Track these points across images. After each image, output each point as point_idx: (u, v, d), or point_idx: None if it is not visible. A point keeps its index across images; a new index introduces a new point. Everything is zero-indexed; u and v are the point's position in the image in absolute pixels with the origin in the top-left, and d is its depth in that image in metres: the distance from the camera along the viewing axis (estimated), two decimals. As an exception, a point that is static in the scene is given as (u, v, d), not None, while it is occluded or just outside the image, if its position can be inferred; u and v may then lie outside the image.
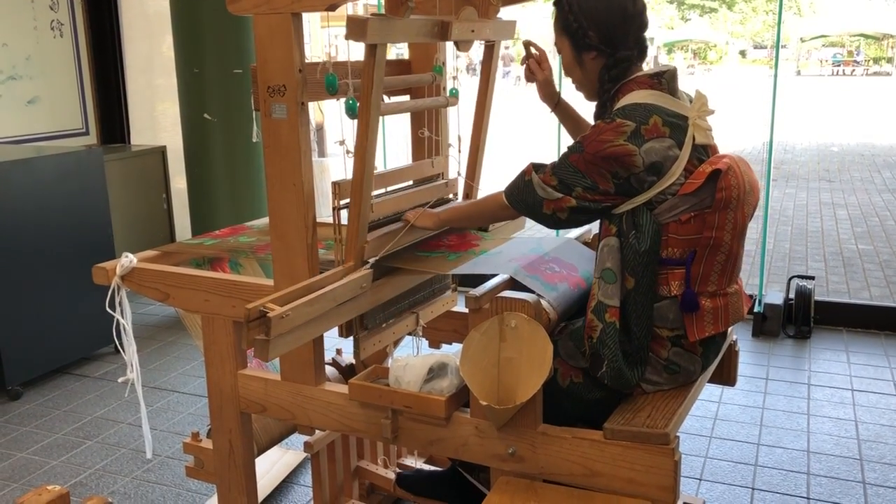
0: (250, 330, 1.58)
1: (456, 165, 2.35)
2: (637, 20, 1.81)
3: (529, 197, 1.79)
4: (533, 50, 2.14)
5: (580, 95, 1.97)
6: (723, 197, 1.70)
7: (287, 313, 1.61)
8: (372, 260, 1.90)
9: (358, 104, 1.82)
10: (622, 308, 1.74)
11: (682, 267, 1.74)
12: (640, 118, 1.70)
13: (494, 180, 2.32)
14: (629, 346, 1.75)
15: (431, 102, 2.21)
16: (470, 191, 2.36)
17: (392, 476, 2.51)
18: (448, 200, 2.31)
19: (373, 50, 1.71)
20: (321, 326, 1.78)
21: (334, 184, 1.89)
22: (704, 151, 1.78)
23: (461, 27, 1.99)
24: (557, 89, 2.19)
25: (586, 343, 1.78)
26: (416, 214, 2.07)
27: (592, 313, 1.76)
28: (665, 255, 1.74)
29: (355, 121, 1.81)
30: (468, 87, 2.82)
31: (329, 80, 1.82)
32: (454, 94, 2.28)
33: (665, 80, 1.78)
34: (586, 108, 2.08)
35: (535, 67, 2.14)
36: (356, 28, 1.67)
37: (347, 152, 1.86)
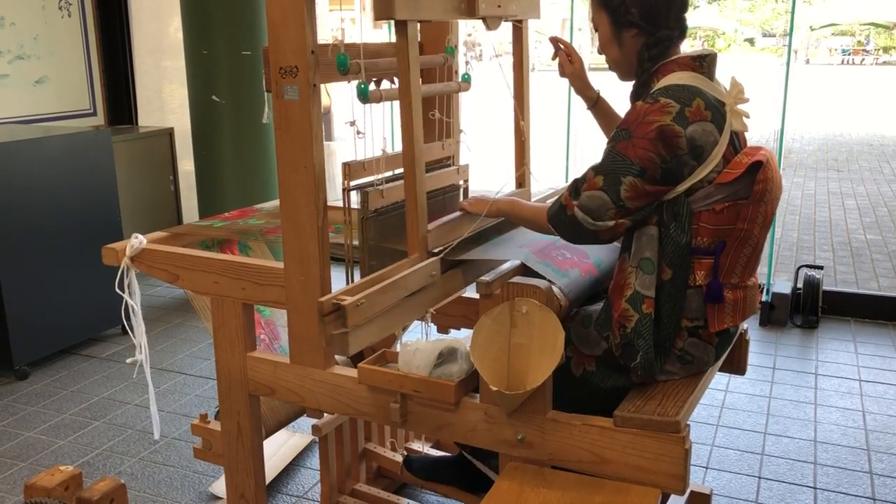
0: (327, 325, 1.56)
1: (467, 152, 2.33)
2: (680, 0, 1.78)
3: (579, 231, 1.74)
4: (561, 46, 2.13)
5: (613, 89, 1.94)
6: (760, 189, 1.68)
7: (361, 301, 1.60)
8: (440, 252, 1.89)
9: (370, 89, 1.81)
10: (656, 299, 1.72)
11: (710, 257, 1.71)
12: (685, 100, 1.67)
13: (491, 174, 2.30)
14: (658, 337, 1.74)
15: (444, 88, 2.19)
16: (522, 178, 2.33)
17: (399, 459, 2.51)
18: (458, 187, 2.30)
19: (403, 28, 1.70)
20: (397, 319, 1.78)
21: (345, 164, 1.87)
22: (737, 139, 1.76)
23: (488, 3, 1.97)
24: (590, 81, 2.15)
25: (616, 332, 1.75)
26: (472, 201, 2.05)
27: (627, 303, 1.72)
28: (694, 244, 1.71)
29: (365, 105, 1.80)
30: (476, 76, 2.80)
31: (340, 59, 1.80)
32: (466, 80, 2.26)
33: (707, 63, 1.75)
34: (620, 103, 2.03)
35: (564, 61, 2.12)
36: (384, 5, 1.66)
37: (358, 133, 1.85)
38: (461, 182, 2.31)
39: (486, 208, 2.02)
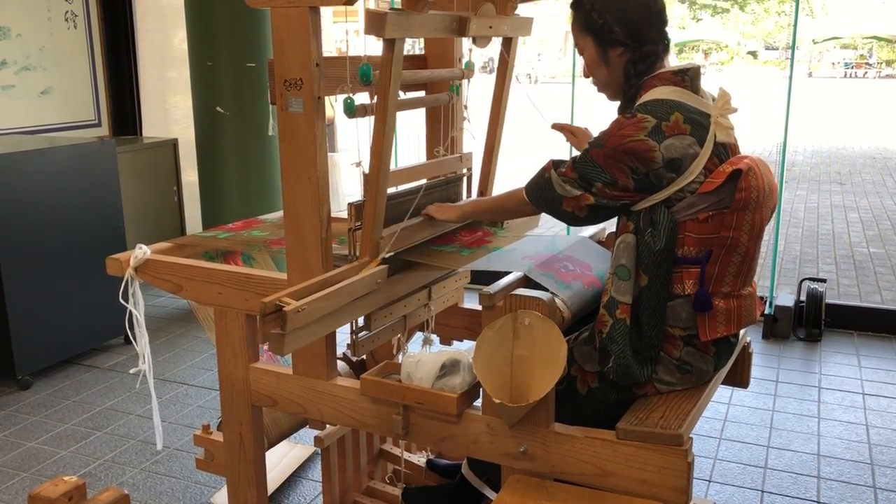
0: (266, 324, 1.57)
1: (471, 139, 2.35)
2: (660, 14, 1.81)
3: (548, 194, 1.79)
4: (564, 128, 2.25)
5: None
6: (742, 197, 1.69)
7: (303, 307, 1.60)
8: (388, 255, 1.89)
9: (356, 103, 1.82)
10: (634, 305, 1.74)
11: (697, 266, 1.73)
12: (662, 114, 1.69)
13: (507, 179, 2.31)
14: (639, 344, 1.75)
15: (447, 73, 2.20)
16: (485, 189, 2.35)
17: (422, 462, 2.51)
18: (462, 176, 2.30)
19: (391, 45, 1.70)
20: (336, 322, 1.78)
21: (350, 205, 1.88)
22: (725, 150, 1.77)
23: (479, 23, 1.98)
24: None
25: (596, 338, 1.78)
26: (438, 207, 2.07)
27: (604, 308, 1.76)
28: (680, 254, 1.73)
29: (356, 119, 1.81)
30: (482, 86, 2.82)
31: (363, 70, 1.81)
32: (469, 67, 2.28)
33: (688, 77, 1.77)
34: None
35: (571, 139, 2.23)
36: (375, 22, 1.67)
37: (359, 165, 1.87)
38: (465, 170, 2.32)
39: (452, 214, 2.07)
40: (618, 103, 1.90)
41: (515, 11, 2.17)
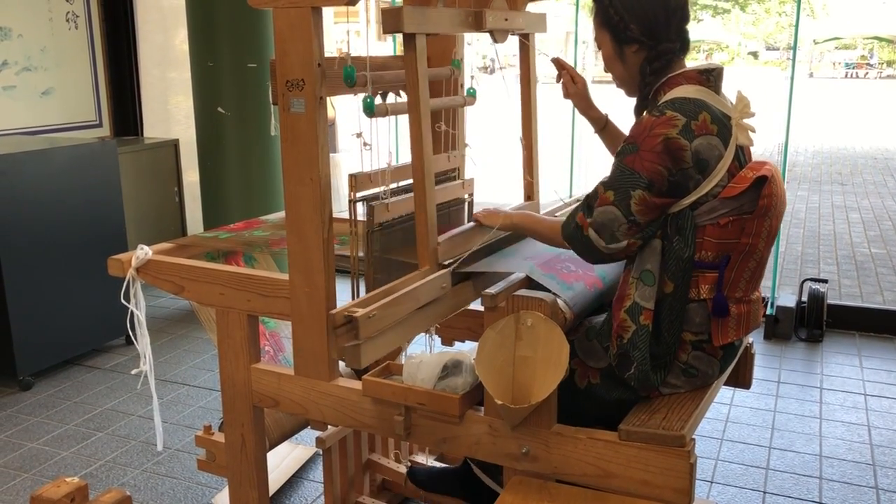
0: (339, 337, 1.56)
1: (473, 166, 2.34)
2: (679, 12, 1.79)
3: (595, 253, 1.75)
4: (564, 67, 2.15)
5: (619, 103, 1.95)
6: (765, 204, 1.68)
7: (373, 313, 1.60)
8: (451, 265, 1.89)
9: (377, 102, 1.82)
10: (656, 311, 1.72)
11: (714, 271, 1.72)
12: (691, 113, 1.67)
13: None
14: (657, 350, 1.74)
15: (449, 102, 2.20)
16: (531, 190, 2.34)
17: (403, 471, 2.50)
18: (463, 201, 2.30)
19: (412, 41, 1.70)
20: (409, 331, 1.78)
21: (351, 176, 1.88)
22: (742, 153, 1.76)
23: (495, 16, 1.98)
24: (601, 111, 2.17)
25: (614, 342, 1.75)
26: (486, 213, 2.06)
27: (626, 313, 1.73)
28: (698, 258, 1.71)
29: (359, 117, 1.81)
30: (485, 87, 2.82)
31: (347, 71, 1.81)
32: (472, 94, 2.27)
33: (713, 77, 1.76)
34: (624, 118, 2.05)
35: (568, 82, 2.15)
36: (392, 19, 1.67)
37: (365, 145, 1.86)
38: (466, 196, 2.32)
39: (499, 221, 2.02)
40: (620, 103, 1.90)
41: (526, 8, 2.17)
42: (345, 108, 1.96)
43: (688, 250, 1.69)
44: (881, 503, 2.71)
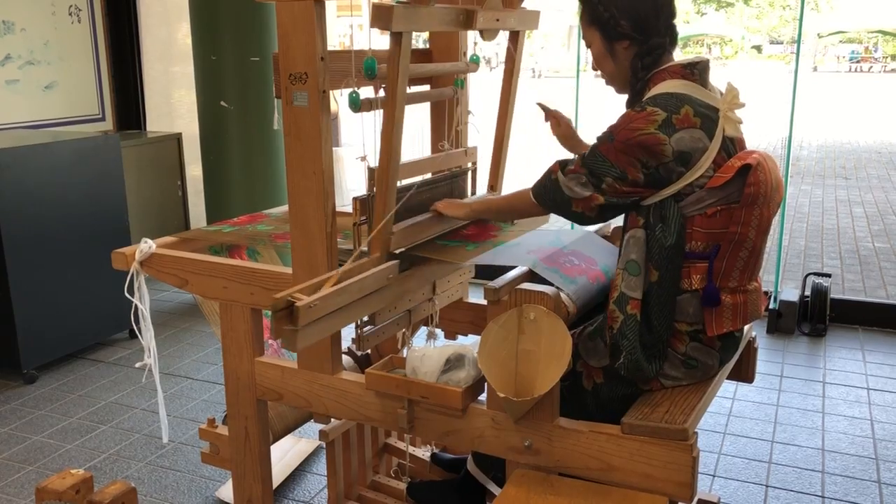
0: (277, 320, 1.57)
1: (476, 133, 2.34)
2: (667, 7, 1.80)
3: (557, 196, 1.78)
4: (549, 111, 2.19)
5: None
6: (751, 192, 1.69)
7: (315, 303, 1.60)
8: (398, 250, 1.89)
9: (362, 98, 1.82)
10: (644, 301, 1.73)
11: (705, 261, 1.73)
12: (672, 108, 1.69)
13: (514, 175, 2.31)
14: (649, 339, 1.75)
15: (451, 67, 2.20)
16: (494, 183, 2.35)
17: (427, 457, 2.51)
18: (468, 170, 2.30)
19: (398, 38, 1.70)
20: (348, 318, 1.78)
21: (355, 200, 1.88)
22: (732, 145, 1.76)
23: (486, 16, 1.98)
24: (582, 140, 2.20)
25: (607, 334, 1.77)
26: (447, 204, 2.07)
27: (614, 304, 1.75)
28: (688, 249, 1.73)
29: (361, 113, 1.81)
30: (486, 83, 2.81)
31: (368, 63, 1.81)
32: (475, 61, 2.27)
33: (698, 70, 1.76)
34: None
35: (553, 124, 2.19)
36: (381, 16, 1.66)
37: (363, 159, 1.87)
38: (469, 164, 2.31)
39: (461, 211, 2.06)
40: (624, 97, 1.90)
41: (522, 5, 2.16)
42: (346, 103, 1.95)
43: (671, 238, 1.70)
44: (884, 497, 2.71)
